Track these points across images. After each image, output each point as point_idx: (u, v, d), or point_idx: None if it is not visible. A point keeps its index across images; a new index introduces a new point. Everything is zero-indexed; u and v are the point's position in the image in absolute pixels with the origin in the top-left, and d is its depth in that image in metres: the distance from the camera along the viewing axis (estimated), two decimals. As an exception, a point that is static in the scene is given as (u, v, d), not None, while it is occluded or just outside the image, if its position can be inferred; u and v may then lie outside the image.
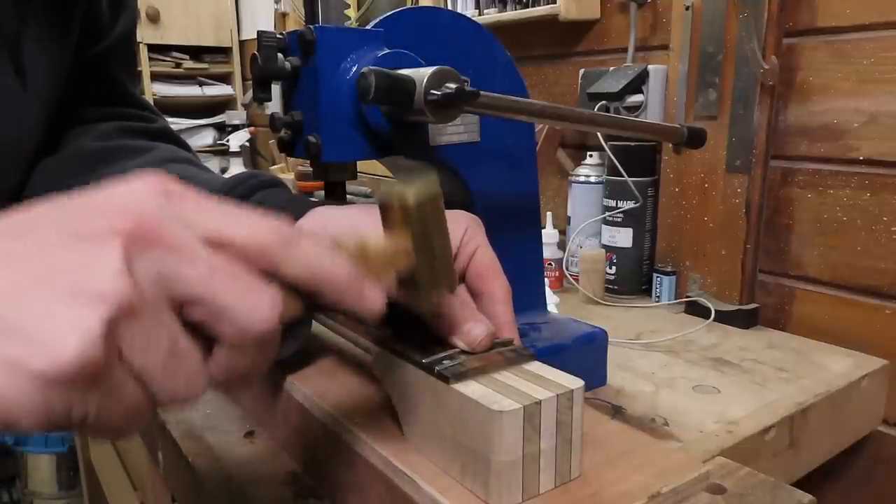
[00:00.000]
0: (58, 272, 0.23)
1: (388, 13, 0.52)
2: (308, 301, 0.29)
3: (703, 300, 0.86)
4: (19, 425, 0.23)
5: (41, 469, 2.07)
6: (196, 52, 2.73)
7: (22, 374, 0.22)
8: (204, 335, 0.26)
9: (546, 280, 0.77)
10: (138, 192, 0.26)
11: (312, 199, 0.50)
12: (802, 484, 0.49)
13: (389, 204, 0.34)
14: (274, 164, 2.10)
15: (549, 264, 0.98)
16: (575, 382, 0.36)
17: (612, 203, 0.96)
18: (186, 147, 0.67)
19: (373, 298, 0.30)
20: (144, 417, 0.26)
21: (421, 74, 0.45)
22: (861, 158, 0.77)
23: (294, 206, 0.47)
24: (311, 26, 0.47)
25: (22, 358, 0.22)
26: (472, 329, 0.39)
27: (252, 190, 0.50)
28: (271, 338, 0.27)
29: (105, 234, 0.24)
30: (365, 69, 0.44)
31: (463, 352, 0.38)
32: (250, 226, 0.28)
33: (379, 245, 0.33)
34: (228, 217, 0.28)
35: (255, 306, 0.26)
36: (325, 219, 0.46)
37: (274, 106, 0.55)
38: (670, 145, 0.90)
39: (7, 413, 0.22)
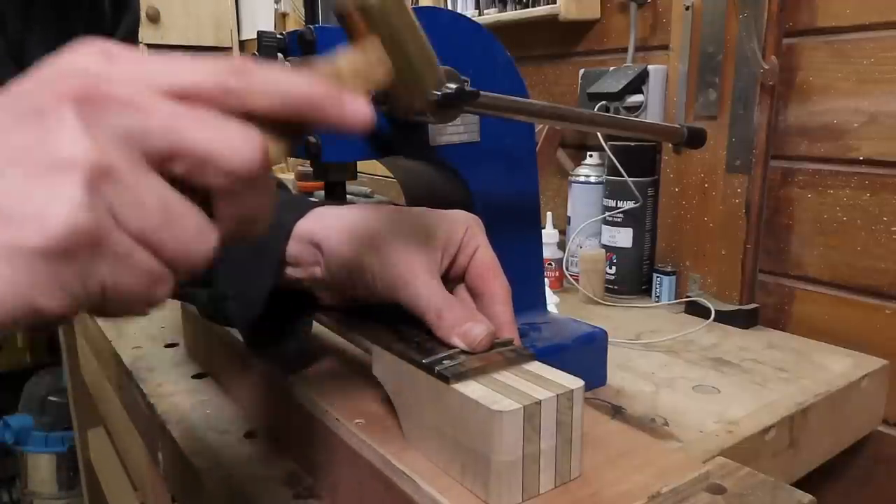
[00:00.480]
0: (18, 151, 0.23)
1: (388, 13, 0.52)
2: (291, 132, 0.28)
3: (703, 300, 0.86)
4: (44, 311, 0.23)
5: (41, 469, 2.07)
6: (196, 52, 2.73)
7: (22, 256, 0.22)
8: (200, 194, 0.26)
9: (546, 280, 0.77)
10: (76, 57, 0.25)
11: (312, 199, 0.50)
12: (802, 484, 0.49)
13: (348, 11, 0.31)
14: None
15: (549, 264, 0.98)
16: (575, 382, 0.36)
17: (612, 203, 0.96)
18: None
19: (357, 108, 0.28)
20: (166, 284, 0.26)
21: (421, 74, 0.45)
22: (861, 158, 0.77)
23: (294, 206, 0.47)
24: (311, 26, 0.47)
25: (15, 240, 0.22)
26: (472, 329, 0.39)
27: None
28: (261, 174, 0.26)
29: (52, 101, 0.23)
30: (365, 69, 0.44)
31: (463, 352, 0.38)
32: (200, 67, 0.26)
33: (351, 60, 0.31)
34: (175, 64, 0.26)
35: (231, 144, 0.25)
36: (325, 219, 0.46)
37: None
38: (670, 145, 0.90)
39: (26, 300, 0.22)
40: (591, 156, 1.03)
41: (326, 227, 0.45)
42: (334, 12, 0.32)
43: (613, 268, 0.97)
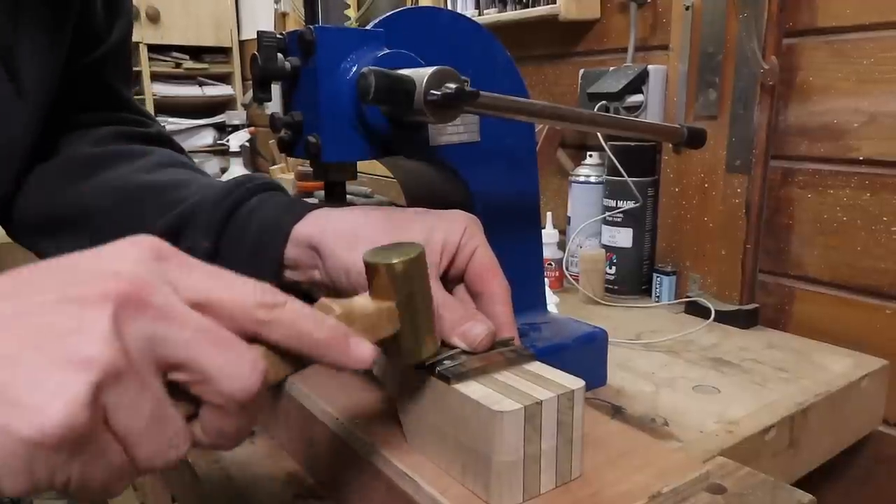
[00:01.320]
0: (47, 336, 0.23)
1: (388, 13, 0.52)
2: (294, 361, 0.30)
3: (703, 300, 0.86)
4: (3, 488, 0.23)
5: (41, 469, 2.06)
6: (196, 52, 2.73)
7: (10, 440, 0.22)
8: (188, 396, 0.27)
9: (546, 280, 0.77)
10: (129, 254, 0.27)
11: (311, 202, 0.50)
12: (802, 484, 0.49)
13: (376, 269, 0.34)
14: (274, 164, 2.10)
15: (549, 264, 0.98)
16: (575, 382, 0.36)
17: (612, 203, 0.96)
18: (182, 151, 0.67)
19: (359, 353, 0.31)
20: (127, 479, 0.26)
21: (421, 74, 0.45)
22: (861, 158, 0.77)
23: (292, 209, 0.47)
24: (311, 26, 0.47)
25: (9, 422, 0.22)
26: (473, 329, 0.39)
27: (249, 193, 0.50)
28: (255, 400, 0.27)
29: (96, 297, 0.24)
30: (365, 69, 0.44)
31: (463, 352, 0.38)
32: (236, 289, 0.28)
33: (365, 309, 0.34)
34: (216, 279, 0.28)
35: (239, 371, 0.27)
36: (323, 221, 0.46)
37: (274, 106, 0.55)
38: (670, 145, 0.90)
39: None
40: (591, 156, 1.03)
41: (324, 231, 0.45)
42: (364, 262, 0.35)
43: (613, 268, 0.97)
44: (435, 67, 0.45)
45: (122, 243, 0.27)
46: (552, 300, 0.81)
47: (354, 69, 0.48)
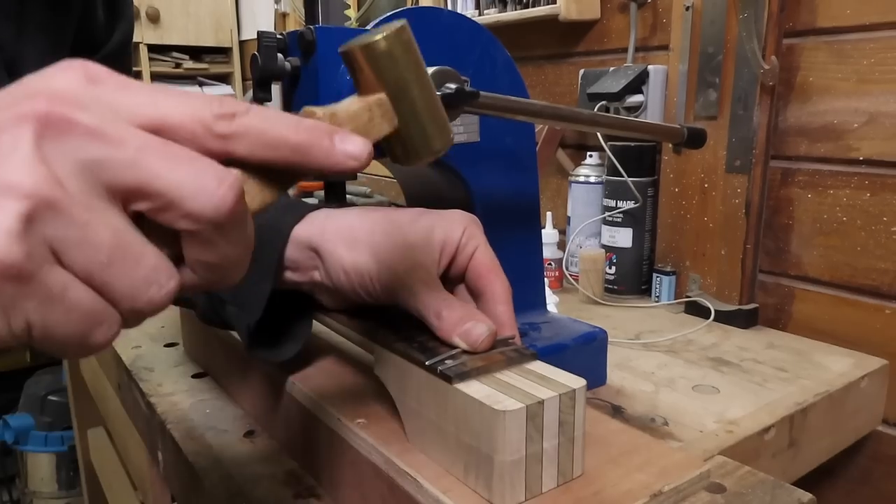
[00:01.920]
0: None
1: (388, 13, 0.53)
2: (279, 178, 0.26)
3: (702, 300, 0.86)
4: None
5: (41, 468, 2.07)
6: (196, 53, 2.73)
7: None
8: (169, 235, 0.24)
9: (546, 280, 0.77)
10: (57, 78, 0.24)
11: (310, 202, 0.50)
12: (802, 484, 0.49)
13: (353, 56, 0.29)
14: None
15: (549, 264, 0.98)
16: (577, 382, 0.36)
17: (612, 203, 0.96)
18: None
19: (347, 148, 0.27)
20: (109, 328, 0.24)
21: (422, 74, 0.45)
22: (861, 158, 0.77)
23: (292, 210, 0.47)
24: (312, 26, 0.47)
25: None
26: (474, 328, 0.39)
27: None
28: (234, 220, 0.24)
29: (13, 121, 0.22)
30: (366, 69, 0.45)
31: (465, 352, 0.38)
32: (188, 104, 0.24)
33: (350, 108, 0.28)
34: (162, 96, 0.24)
35: (202, 185, 0.23)
36: (322, 222, 0.45)
37: (274, 106, 0.55)
38: (670, 145, 0.90)
39: None
40: (591, 156, 1.03)
41: (324, 232, 0.45)
42: (340, 53, 0.30)
43: (613, 268, 0.97)
44: (435, 67, 0.45)
45: (50, 69, 0.24)
46: (552, 300, 0.81)
47: (355, 69, 0.48)
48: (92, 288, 0.23)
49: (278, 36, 0.49)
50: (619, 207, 0.95)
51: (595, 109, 0.97)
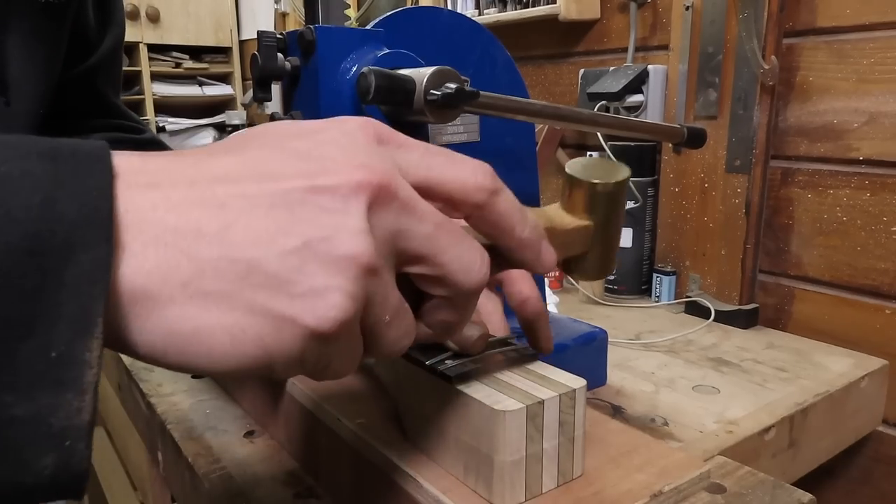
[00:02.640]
0: (307, 226, 0.24)
1: (388, 13, 0.53)
2: (493, 256, 0.29)
3: (702, 300, 0.86)
4: (273, 372, 0.24)
5: (40, 469, 2.06)
6: (196, 52, 2.74)
7: (292, 329, 0.23)
8: (413, 290, 0.27)
9: (546, 280, 0.77)
10: (359, 139, 0.26)
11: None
12: (802, 484, 0.49)
13: (582, 184, 0.33)
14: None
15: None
16: (577, 382, 0.36)
17: (612, 203, 0.96)
18: None
19: (550, 257, 0.31)
20: (356, 366, 0.27)
21: (421, 74, 0.45)
22: (861, 158, 0.77)
23: None
24: (312, 26, 0.47)
25: (292, 312, 0.23)
26: (466, 331, 0.39)
27: None
28: (480, 292, 0.28)
29: (349, 190, 0.24)
30: (365, 69, 0.45)
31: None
32: (456, 169, 0.28)
33: (564, 223, 0.33)
34: (434, 157, 0.28)
35: (471, 264, 0.27)
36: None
37: (274, 106, 0.55)
38: (670, 145, 0.90)
39: (270, 360, 0.23)
40: (591, 156, 1.03)
41: None
42: (567, 173, 0.34)
43: (613, 268, 0.97)
44: (435, 67, 0.45)
45: (342, 125, 0.27)
46: (552, 300, 0.81)
47: (354, 69, 0.48)
48: (364, 340, 0.26)
49: (278, 36, 0.49)
50: (619, 207, 0.95)
51: (595, 109, 0.97)
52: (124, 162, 0.23)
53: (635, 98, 0.96)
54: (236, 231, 0.23)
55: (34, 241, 0.20)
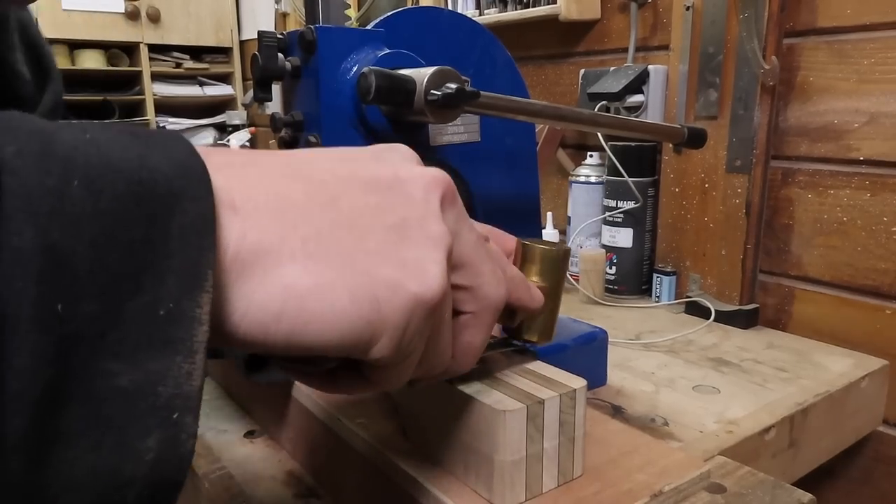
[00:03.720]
0: (401, 207, 0.26)
1: (389, 13, 0.53)
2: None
3: (703, 300, 0.86)
4: (371, 349, 0.24)
5: (41, 469, 2.07)
6: (196, 52, 2.74)
7: (403, 294, 0.24)
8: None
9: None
10: (427, 167, 0.29)
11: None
12: (802, 484, 0.49)
13: (534, 252, 0.38)
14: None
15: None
16: (577, 382, 0.36)
17: (612, 203, 0.96)
18: None
19: (538, 294, 0.36)
20: (435, 374, 0.30)
21: (421, 74, 0.45)
22: (861, 158, 0.77)
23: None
24: (312, 26, 0.47)
25: (402, 280, 0.25)
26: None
27: None
28: (497, 314, 0.31)
29: (426, 183, 0.27)
30: (365, 69, 0.45)
31: None
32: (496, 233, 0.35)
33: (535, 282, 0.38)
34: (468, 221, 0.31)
35: (498, 280, 0.30)
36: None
37: (274, 106, 0.55)
38: (670, 145, 0.90)
39: (381, 324, 0.24)
40: (591, 156, 1.03)
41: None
42: (520, 244, 0.38)
43: (613, 268, 0.97)
44: (435, 67, 0.45)
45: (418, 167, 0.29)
46: (552, 300, 0.81)
47: (355, 69, 0.48)
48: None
49: (279, 36, 0.49)
50: (620, 207, 0.95)
51: (595, 109, 0.97)
52: (206, 148, 0.23)
53: (636, 98, 0.96)
54: (343, 203, 0.25)
55: (139, 187, 0.19)
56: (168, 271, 0.19)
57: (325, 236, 0.23)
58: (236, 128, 2.52)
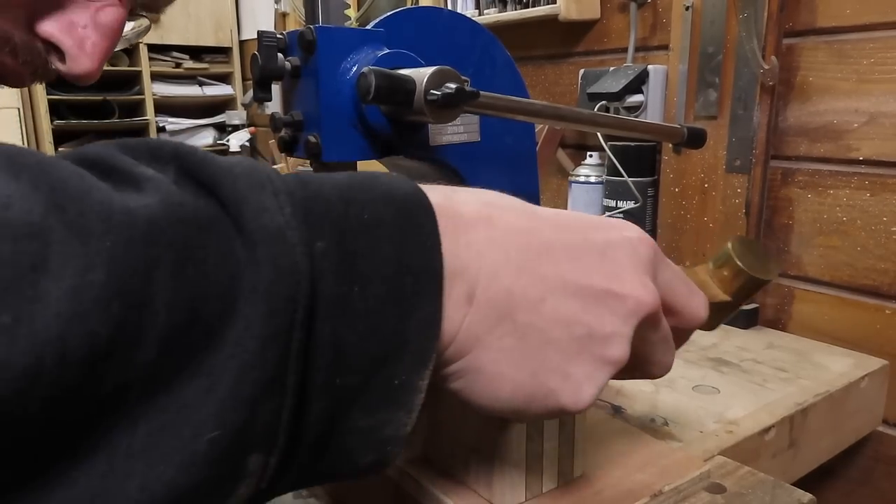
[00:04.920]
0: (595, 321, 0.29)
1: (388, 13, 0.52)
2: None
3: (703, 300, 0.86)
4: (564, 411, 0.29)
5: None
6: (196, 52, 2.74)
7: (553, 401, 0.28)
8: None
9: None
10: (642, 254, 0.31)
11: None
12: (802, 484, 0.49)
13: (743, 273, 0.38)
14: (274, 163, 2.10)
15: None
16: (576, 382, 0.36)
17: (612, 203, 0.96)
18: None
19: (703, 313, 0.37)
20: None
21: (421, 74, 0.45)
22: (861, 158, 0.77)
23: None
24: (312, 26, 0.47)
25: (560, 391, 0.28)
26: None
27: None
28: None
29: (633, 305, 0.29)
30: (365, 69, 0.44)
31: None
32: (696, 309, 0.35)
33: (710, 291, 0.39)
34: (681, 288, 0.34)
35: (701, 305, 0.34)
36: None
37: (274, 106, 0.55)
38: (670, 145, 0.90)
39: (523, 415, 0.29)
40: (591, 156, 1.03)
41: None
42: (728, 250, 0.39)
43: (613, 268, 0.97)
44: (435, 67, 0.45)
45: (626, 232, 0.31)
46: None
47: (355, 69, 0.48)
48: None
49: (278, 35, 0.49)
50: (620, 207, 0.95)
51: (595, 109, 0.97)
52: (466, 215, 0.29)
53: (635, 98, 0.96)
54: (547, 306, 0.28)
55: (393, 293, 0.25)
56: (406, 354, 0.25)
57: (517, 335, 0.27)
58: (236, 128, 2.52)
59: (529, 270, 0.28)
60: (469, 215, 0.28)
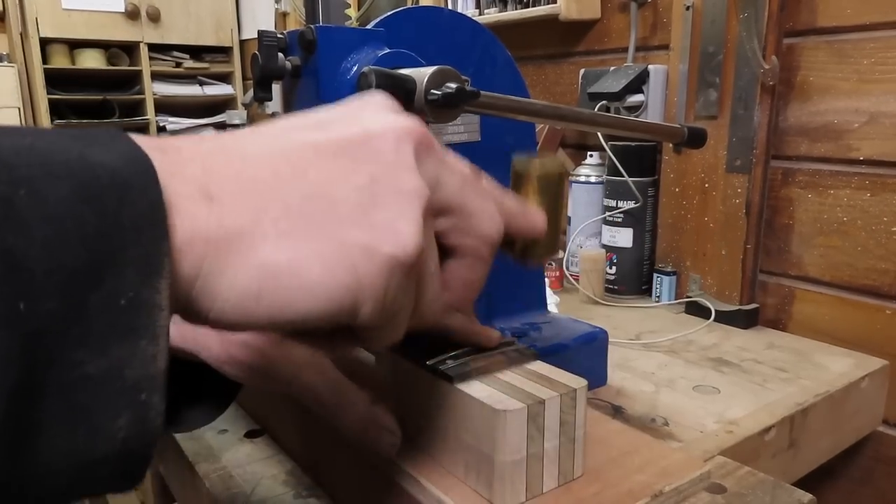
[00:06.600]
0: (370, 165, 0.26)
1: (389, 13, 0.52)
2: None
3: (703, 300, 0.86)
4: (358, 313, 0.25)
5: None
6: (196, 52, 2.74)
7: (378, 257, 0.24)
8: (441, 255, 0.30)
9: (546, 280, 0.77)
10: (399, 114, 0.28)
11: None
12: (802, 484, 0.49)
13: (529, 170, 0.37)
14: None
15: (550, 264, 0.98)
16: (578, 382, 0.36)
17: (613, 203, 0.96)
18: None
19: (539, 216, 0.35)
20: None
21: (421, 74, 0.45)
22: (861, 158, 0.77)
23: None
24: (312, 26, 0.47)
25: (374, 243, 0.24)
26: (486, 331, 0.39)
27: None
28: (495, 249, 0.31)
29: (396, 136, 0.27)
30: (365, 69, 0.44)
31: (466, 352, 0.38)
32: (487, 228, 0.32)
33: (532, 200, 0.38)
34: (472, 198, 0.31)
35: (493, 215, 0.30)
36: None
37: (274, 105, 0.55)
38: (670, 145, 0.90)
39: (360, 290, 0.24)
40: (591, 156, 1.03)
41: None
42: (514, 168, 0.38)
43: (613, 268, 0.97)
44: (435, 67, 0.45)
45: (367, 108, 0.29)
46: (552, 300, 0.81)
47: (355, 68, 0.48)
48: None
49: (279, 35, 0.49)
50: (620, 207, 0.95)
51: (595, 109, 0.97)
52: (176, 141, 0.24)
53: (636, 98, 0.96)
54: (312, 173, 0.25)
55: (82, 189, 0.19)
56: (125, 262, 0.19)
57: (295, 211, 0.24)
58: (236, 127, 2.52)
59: (276, 153, 0.25)
60: (185, 141, 0.24)
